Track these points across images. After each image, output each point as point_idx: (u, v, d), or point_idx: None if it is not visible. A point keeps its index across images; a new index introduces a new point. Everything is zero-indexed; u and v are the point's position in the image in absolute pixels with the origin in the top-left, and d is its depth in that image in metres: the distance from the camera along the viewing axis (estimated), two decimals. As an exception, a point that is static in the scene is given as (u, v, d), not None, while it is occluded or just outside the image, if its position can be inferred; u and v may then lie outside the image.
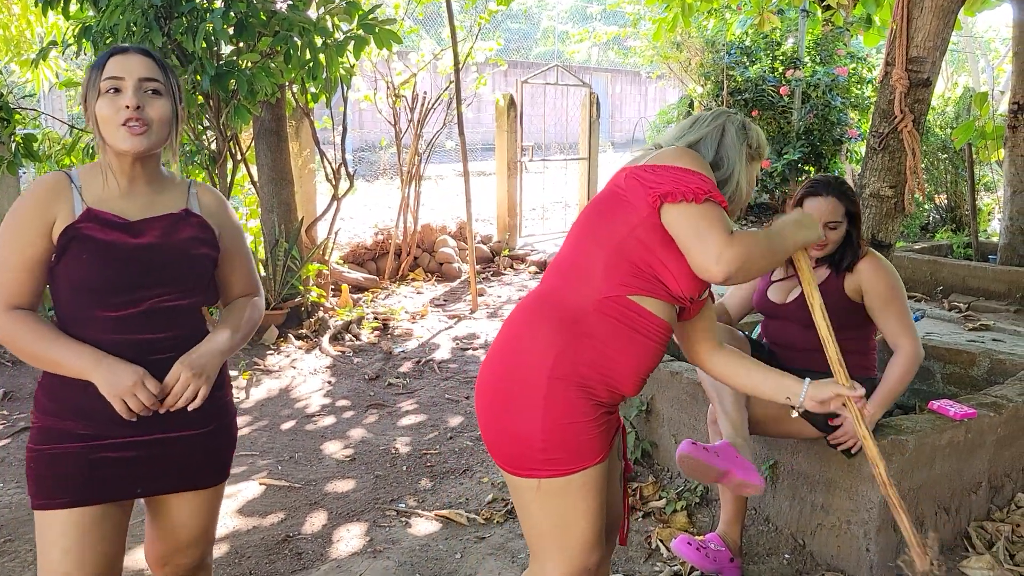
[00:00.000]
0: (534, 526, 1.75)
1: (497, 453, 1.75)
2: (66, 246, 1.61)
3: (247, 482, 3.42)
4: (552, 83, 10.00)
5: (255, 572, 2.73)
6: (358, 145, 16.33)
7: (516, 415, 1.68)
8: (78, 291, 1.63)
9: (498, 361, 1.76)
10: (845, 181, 2.71)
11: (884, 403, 2.55)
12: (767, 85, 9.80)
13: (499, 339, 1.80)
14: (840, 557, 2.65)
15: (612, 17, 23.96)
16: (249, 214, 6.33)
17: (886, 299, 2.61)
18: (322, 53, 4.68)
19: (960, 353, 3.49)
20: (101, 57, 1.68)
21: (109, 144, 1.65)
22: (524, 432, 1.67)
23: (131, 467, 1.68)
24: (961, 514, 2.82)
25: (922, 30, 3.12)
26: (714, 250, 1.58)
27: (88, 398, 1.62)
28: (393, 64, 7.52)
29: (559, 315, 1.70)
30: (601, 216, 1.74)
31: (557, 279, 1.77)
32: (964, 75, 18.62)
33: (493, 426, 1.74)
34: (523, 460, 1.69)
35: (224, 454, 1.84)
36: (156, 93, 1.66)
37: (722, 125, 1.84)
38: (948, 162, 8.84)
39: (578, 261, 1.74)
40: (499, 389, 1.73)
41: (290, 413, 4.32)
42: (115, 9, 4.05)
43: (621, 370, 1.70)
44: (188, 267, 1.71)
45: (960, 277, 6.55)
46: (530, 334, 1.72)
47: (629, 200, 1.70)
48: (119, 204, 1.67)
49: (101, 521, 1.65)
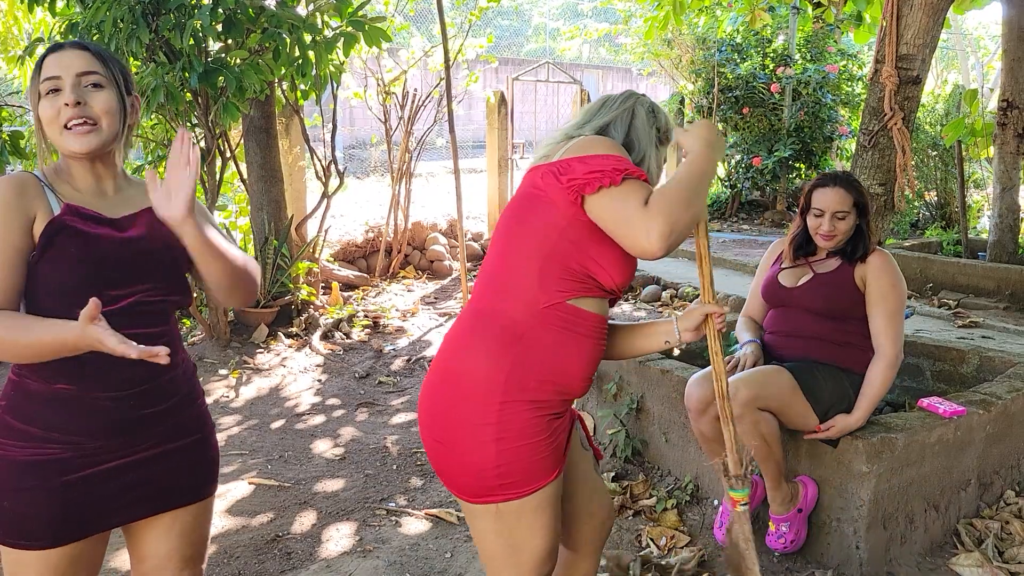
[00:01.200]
0: (489, 548, 1.72)
1: (451, 483, 1.70)
2: (51, 240, 1.52)
3: (236, 481, 3.40)
4: (543, 80, 10.00)
5: (244, 572, 2.72)
6: (348, 142, 16.28)
7: (469, 443, 1.63)
8: (62, 287, 1.53)
9: (443, 387, 1.69)
10: (853, 176, 2.76)
11: (869, 410, 2.59)
12: (758, 82, 9.82)
13: (440, 363, 1.73)
14: (830, 554, 2.66)
15: (603, 14, 23.94)
16: (239, 212, 6.30)
17: (883, 295, 2.63)
18: (311, 50, 4.65)
19: (950, 350, 3.49)
20: (40, 58, 1.58)
21: (58, 148, 1.57)
22: (479, 460, 1.62)
23: (115, 495, 1.58)
24: (950, 511, 2.83)
25: (912, 28, 3.13)
26: (642, 228, 1.51)
27: (60, 411, 1.53)
28: (383, 61, 7.50)
29: (501, 333, 1.64)
30: (523, 223, 1.67)
31: (491, 294, 1.70)
32: (953, 72, 18.70)
33: (445, 456, 1.68)
34: (480, 488, 1.64)
35: (209, 465, 1.76)
36: (97, 86, 1.56)
37: (631, 107, 1.80)
38: (938, 159, 8.87)
39: (510, 273, 1.67)
40: (449, 417, 1.66)
41: (280, 412, 4.30)
42: (101, 5, 4.02)
43: (571, 374, 1.67)
44: (172, 262, 1.65)
45: (950, 274, 6.57)
46: (473, 357, 1.65)
47: (549, 199, 1.64)
48: (94, 202, 1.59)
49: (77, 559, 1.57)
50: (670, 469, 3.25)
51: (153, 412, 1.62)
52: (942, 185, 8.98)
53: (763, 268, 2.98)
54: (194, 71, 4.23)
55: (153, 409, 1.62)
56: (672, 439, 3.23)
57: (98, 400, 1.55)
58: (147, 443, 1.62)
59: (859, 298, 2.68)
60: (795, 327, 2.74)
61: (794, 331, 2.74)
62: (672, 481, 3.22)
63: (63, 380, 1.54)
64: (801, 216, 2.80)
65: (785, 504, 2.65)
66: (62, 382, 1.54)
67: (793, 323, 2.75)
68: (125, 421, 1.58)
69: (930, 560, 2.71)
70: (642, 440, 3.39)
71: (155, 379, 1.62)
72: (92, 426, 1.55)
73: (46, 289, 1.53)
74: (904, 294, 2.68)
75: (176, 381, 1.68)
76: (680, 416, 3.15)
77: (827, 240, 2.71)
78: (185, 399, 1.70)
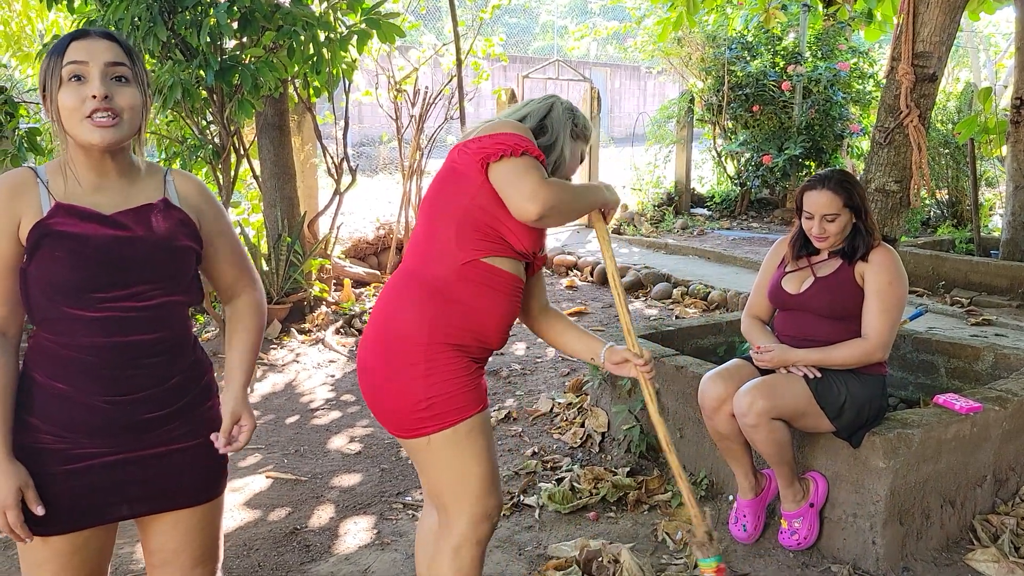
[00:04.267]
0: (434, 481, 1.92)
1: (387, 421, 1.91)
2: (37, 245, 1.48)
3: (254, 475, 3.43)
4: (552, 78, 10.01)
5: (264, 564, 2.74)
6: (358, 140, 16.31)
7: (400, 383, 1.85)
8: (55, 292, 1.50)
9: (376, 340, 1.91)
10: (848, 174, 2.71)
11: (815, 360, 2.60)
12: (768, 80, 9.80)
13: (374, 319, 1.94)
14: (846, 550, 2.67)
15: (612, 12, 23.92)
16: (251, 209, 6.33)
17: (879, 290, 2.60)
18: (325, 47, 4.68)
19: (964, 347, 3.50)
20: (60, 41, 1.50)
21: (73, 137, 1.50)
22: (409, 397, 1.84)
23: (116, 489, 1.57)
24: (966, 507, 2.84)
25: (928, 25, 3.12)
26: (528, 190, 1.75)
27: (58, 407, 1.53)
28: (394, 59, 7.52)
29: (426, 288, 1.86)
30: (442, 193, 1.90)
31: (416, 256, 1.92)
32: (965, 70, 18.60)
33: (379, 398, 1.90)
34: (411, 422, 1.85)
35: (217, 466, 1.72)
36: (124, 80, 1.50)
37: (550, 103, 2.03)
38: (949, 157, 8.84)
39: (432, 236, 1.89)
40: (379, 364, 1.88)
41: (295, 407, 4.33)
42: (119, 3, 4.05)
43: (488, 325, 1.89)
44: (171, 260, 1.58)
45: (962, 272, 6.56)
46: (402, 309, 1.88)
47: (463, 172, 1.86)
48: (91, 198, 1.53)
49: (84, 546, 1.58)
50: (685, 464, 3.26)
51: (155, 416, 1.58)
52: (954, 183, 8.94)
53: (766, 269, 2.94)
54: (210, 69, 4.26)
55: (155, 413, 1.58)
56: (687, 435, 3.24)
57: (95, 403, 1.53)
58: (148, 444, 1.59)
59: (862, 297, 2.65)
60: (805, 331, 2.71)
61: (804, 335, 2.71)
62: (687, 476, 3.23)
63: (60, 380, 1.53)
64: (797, 217, 2.78)
65: (797, 501, 2.67)
66: (59, 381, 1.53)
67: (802, 327, 2.73)
68: (124, 423, 1.56)
69: (946, 555, 2.71)
70: (656, 436, 3.40)
71: (159, 385, 1.59)
72: (86, 425, 1.54)
73: (37, 287, 1.52)
74: (902, 292, 2.63)
75: (184, 385, 1.63)
76: (694, 412, 3.16)
77: (820, 242, 2.68)
78: (194, 401, 1.66)
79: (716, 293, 6.40)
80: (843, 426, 2.57)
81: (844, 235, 2.68)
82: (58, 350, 1.53)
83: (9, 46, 7.33)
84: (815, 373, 2.59)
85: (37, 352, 1.56)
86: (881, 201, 3.29)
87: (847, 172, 2.73)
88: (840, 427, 2.58)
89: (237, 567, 2.72)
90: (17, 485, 1.48)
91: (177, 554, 1.69)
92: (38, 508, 1.50)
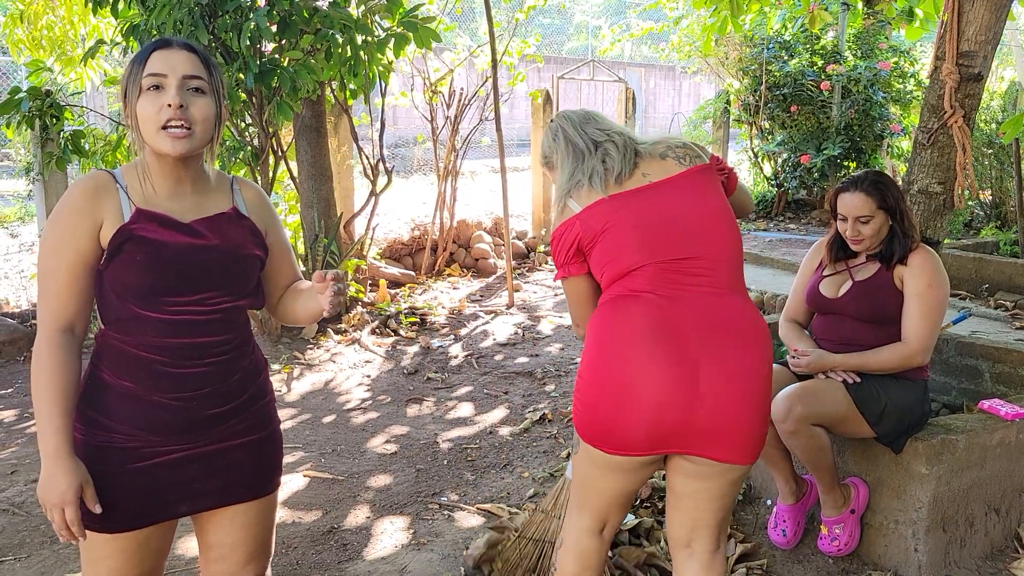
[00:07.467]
0: (729, 508, 1.99)
1: (744, 447, 1.84)
2: (118, 248, 1.54)
3: (292, 474, 3.47)
4: (587, 79, 9.98)
5: (302, 562, 2.78)
6: (392, 141, 16.37)
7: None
8: (128, 293, 1.55)
9: (766, 361, 1.90)
10: (882, 175, 2.65)
11: (853, 365, 2.57)
12: (806, 80, 9.68)
13: (758, 352, 1.93)
14: (887, 557, 2.63)
15: (647, 12, 23.78)
16: (288, 209, 6.40)
17: (919, 293, 2.55)
18: (363, 50, 4.72)
19: (1010, 352, 3.42)
20: (143, 51, 1.57)
21: (149, 145, 1.56)
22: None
23: (179, 486, 1.63)
24: (1011, 515, 2.78)
25: (973, 24, 3.06)
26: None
27: (125, 406, 1.58)
28: (429, 61, 7.56)
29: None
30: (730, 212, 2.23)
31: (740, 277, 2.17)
32: (1009, 69, 18.21)
33: (761, 427, 1.87)
34: (761, 443, 1.88)
35: (272, 462, 1.78)
36: (200, 91, 1.57)
37: None
38: (993, 157, 8.65)
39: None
40: (768, 389, 1.89)
41: (331, 407, 4.37)
42: (163, 8, 4.12)
43: None
44: (240, 268, 1.65)
45: (1007, 275, 6.42)
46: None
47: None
48: (167, 205, 1.60)
49: (145, 542, 1.63)
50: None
51: (219, 411, 1.64)
52: (997, 184, 8.75)
53: (804, 271, 2.90)
54: (250, 72, 4.32)
55: (219, 409, 1.64)
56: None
57: (162, 400, 1.59)
58: (212, 439, 1.65)
59: (902, 300, 2.60)
60: (845, 336, 2.67)
61: (844, 339, 2.67)
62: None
63: (128, 379, 1.58)
64: (833, 220, 2.74)
65: (837, 507, 2.64)
66: (128, 380, 1.58)
67: (841, 331, 2.69)
68: (189, 419, 1.61)
69: (990, 564, 2.66)
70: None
71: (224, 382, 1.65)
72: (156, 423, 1.59)
73: (111, 288, 1.57)
74: (943, 295, 2.57)
75: (244, 382, 1.70)
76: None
77: (855, 244, 2.64)
78: (252, 398, 1.72)
79: (753, 295, 6.34)
80: (884, 432, 2.54)
81: (880, 238, 2.64)
82: (127, 349, 1.58)
83: (53, 50, 7.49)
84: (854, 378, 2.55)
85: (105, 351, 1.61)
86: (924, 203, 3.23)
87: (882, 173, 2.67)
88: (881, 433, 2.54)
89: (276, 564, 2.76)
90: (78, 482, 1.52)
91: (233, 549, 1.74)
92: (96, 507, 1.54)
